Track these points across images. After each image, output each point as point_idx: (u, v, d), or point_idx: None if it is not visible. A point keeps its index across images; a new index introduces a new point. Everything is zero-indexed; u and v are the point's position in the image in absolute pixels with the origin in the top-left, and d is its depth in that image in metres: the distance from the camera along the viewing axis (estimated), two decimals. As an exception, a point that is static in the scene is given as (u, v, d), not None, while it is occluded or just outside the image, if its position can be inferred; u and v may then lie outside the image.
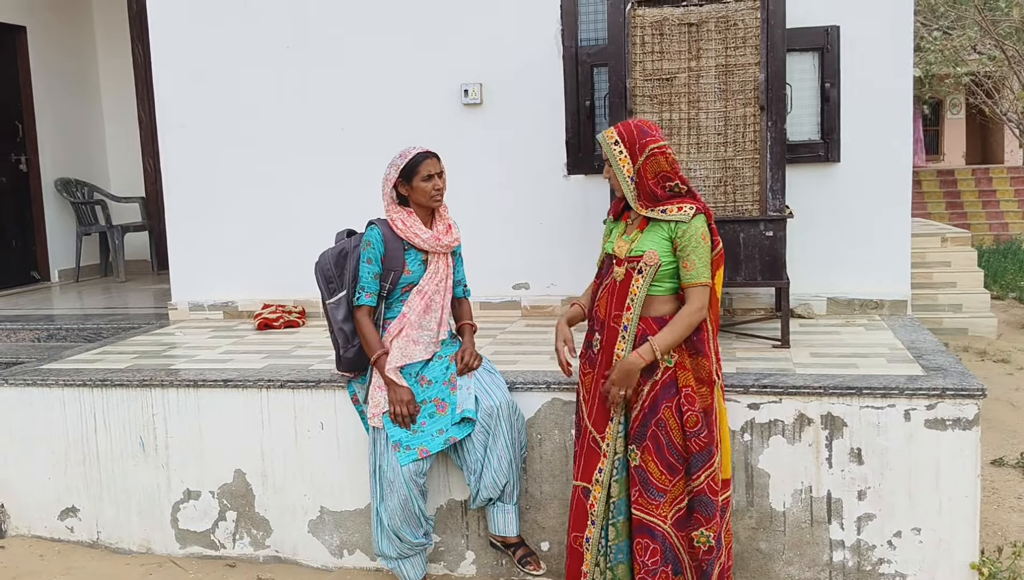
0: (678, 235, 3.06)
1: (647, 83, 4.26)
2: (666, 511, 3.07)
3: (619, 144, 3.13)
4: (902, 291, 4.92)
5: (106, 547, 4.30)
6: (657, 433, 3.07)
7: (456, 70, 5.35)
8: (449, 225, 3.68)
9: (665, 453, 3.06)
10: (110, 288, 7.62)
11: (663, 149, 3.10)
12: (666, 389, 3.07)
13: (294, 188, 5.61)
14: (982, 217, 18.17)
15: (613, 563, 3.20)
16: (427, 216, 3.64)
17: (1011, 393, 6.14)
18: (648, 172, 3.09)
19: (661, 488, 3.06)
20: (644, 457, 3.08)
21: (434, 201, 3.59)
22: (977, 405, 3.38)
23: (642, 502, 3.09)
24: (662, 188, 3.09)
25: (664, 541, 3.06)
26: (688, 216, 3.05)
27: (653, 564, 3.07)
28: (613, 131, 3.17)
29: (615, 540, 3.19)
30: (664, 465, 3.07)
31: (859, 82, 4.81)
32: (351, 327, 3.66)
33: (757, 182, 4.19)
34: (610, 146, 3.15)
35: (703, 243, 3.07)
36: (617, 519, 3.18)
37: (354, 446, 3.93)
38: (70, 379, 4.26)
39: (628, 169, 3.12)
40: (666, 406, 3.06)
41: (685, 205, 3.08)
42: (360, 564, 4.02)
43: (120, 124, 8.78)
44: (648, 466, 3.07)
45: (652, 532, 3.07)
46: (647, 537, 3.08)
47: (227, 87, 5.65)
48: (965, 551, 3.46)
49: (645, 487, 3.08)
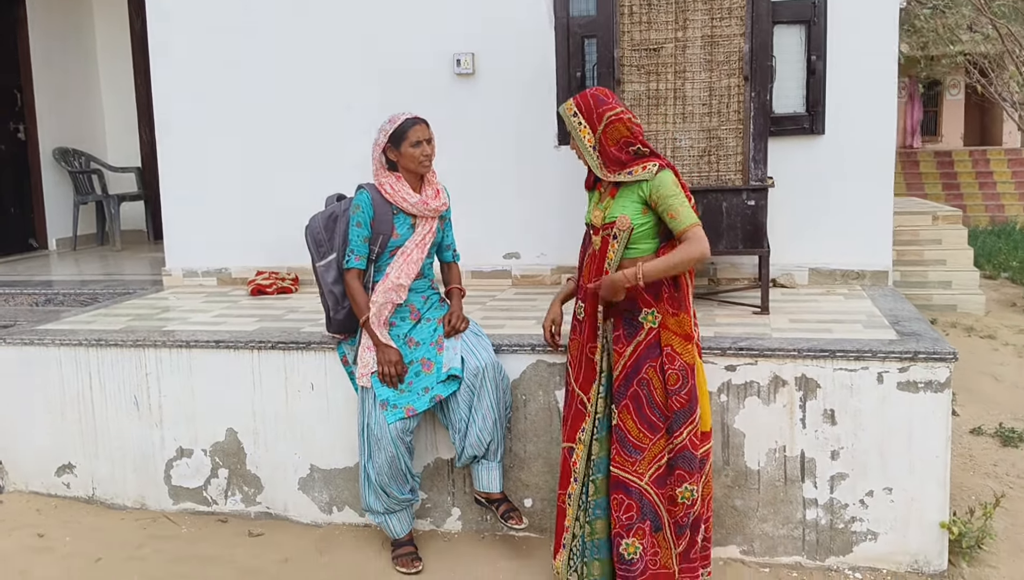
0: (651, 193, 3.10)
1: (634, 53, 4.32)
2: (643, 468, 3.14)
3: (577, 115, 3.19)
4: (883, 262, 4.99)
5: (101, 503, 4.41)
6: (639, 392, 3.13)
7: (449, 40, 5.40)
8: (437, 190, 3.75)
9: (646, 411, 3.13)
10: (106, 256, 7.71)
11: (619, 116, 3.14)
12: (650, 349, 3.13)
13: (288, 157, 5.67)
14: (979, 198, 18.22)
15: (592, 518, 3.28)
16: (416, 181, 3.71)
17: (995, 367, 6.23)
18: (608, 139, 3.14)
19: (638, 446, 3.13)
20: (622, 415, 3.15)
21: (422, 167, 3.66)
22: (949, 368, 3.47)
23: (619, 459, 3.17)
24: (625, 153, 3.14)
25: (641, 498, 3.14)
26: (652, 172, 3.09)
27: (628, 519, 3.16)
28: (571, 103, 3.22)
29: (594, 496, 3.27)
30: (644, 423, 3.13)
31: (845, 55, 4.86)
32: (341, 289, 3.75)
33: (740, 152, 4.26)
34: (569, 118, 3.21)
35: (679, 190, 3.10)
36: (596, 476, 3.26)
37: (343, 406, 4.03)
38: (66, 339, 4.35)
39: (589, 139, 3.18)
40: (650, 365, 3.12)
41: (648, 164, 3.12)
42: (349, 520, 4.12)
43: (117, 95, 8.84)
44: (626, 424, 3.14)
45: (627, 488, 3.15)
46: (622, 493, 3.16)
47: (223, 56, 5.71)
48: (935, 511, 3.56)
49: (623, 445, 3.16)
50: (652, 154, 3.17)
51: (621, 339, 3.17)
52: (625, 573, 3.17)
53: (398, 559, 3.75)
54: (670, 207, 3.08)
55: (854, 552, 3.61)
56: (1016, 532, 3.89)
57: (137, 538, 4.08)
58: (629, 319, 3.16)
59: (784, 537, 3.66)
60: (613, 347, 3.21)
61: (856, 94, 4.89)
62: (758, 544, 3.68)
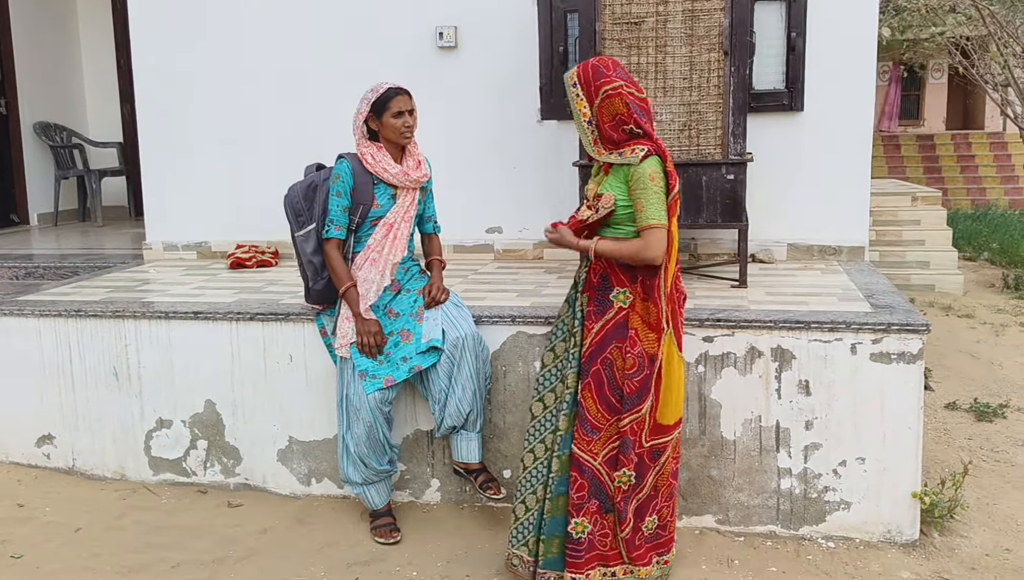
0: (629, 178, 3.03)
1: (616, 27, 4.32)
2: (598, 448, 3.11)
3: (576, 86, 3.05)
4: (860, 238, 5.04)
5: (81, 474, 4.41)
6: (601, 371, 3.10)
7: (431, 12, 5.38)
8: (419, 161, 3.75)
9: (606, 391, 3.11)
10: (88, 231, 7.67)
11: (618, 90, 2.99)
12: (617, 329, 3.10)
13: (269, 130, 5.65)
14: (960, 182, 18.33)
15: (553, 495, 3.20)
16: (397, 152, 3.71)
17: (972, 345, 6.31)
18: (604, 115, 3.02)
19: (595, 426, 3.12)
20: (584, 394, 3.13)
21: (403, 138, 3.66)
22: (922, 340, 3.51)
23: (579, 437, 3.13)
24: (619, 132, 3.02)
25: (593, 477, 3.11)
26: (637, 158, 2.99)
27: (579, 499, 3.12)
28: (574, 72, 3.07)
29: (558, 472, 3.18)
30: (603, 404, 3.11)
31: (824, 32, 4.89)
32: (320, 260, 3.74)
33: (720, 126, 4.28)
34: (569, 88, 3.08)
35: (651, 185, 2.98)
36: (562, 452, 3.18)
37: (322, 377, 4.04)
38: (46, 310, 4.34)
39: (585, 112, 3.05)
40: (616, 345, 3.09)
41: (637, 147, 3.01)
42: (328, 491, 4.14)
43: (98, 69, 8.78)
44: (587, 403, 3.12)
45: (582, 467, 3.12)
46: (576, 471, 3.13)
47: (202, 27, 5.67)
48: (908, 481, 3.60)
49: (582, 423, 3.13)
50: (645, 136, 3.05)
51: (592, 315, 3.15)
52: (572, 552, 3.14)
53: (376, 530, 3.77)
54: (638, 200, 3.02)
55: (827, 521, 3.66)
56: (987, 503, 3.95)
57: (117, 508, 4.09)
58: (601, 296, 3.14)
59: (759, 506, 3.70)
60: (584, 323, 3.18)
61: (835, 71, 4.92)
62: (733, 513, 3.72)
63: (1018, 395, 5.27)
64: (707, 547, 3.65)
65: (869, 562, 3.52)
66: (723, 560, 3.54)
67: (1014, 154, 18.72)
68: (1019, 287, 7.93)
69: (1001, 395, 5.25)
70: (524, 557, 3.27)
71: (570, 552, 3.15)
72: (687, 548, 3.61)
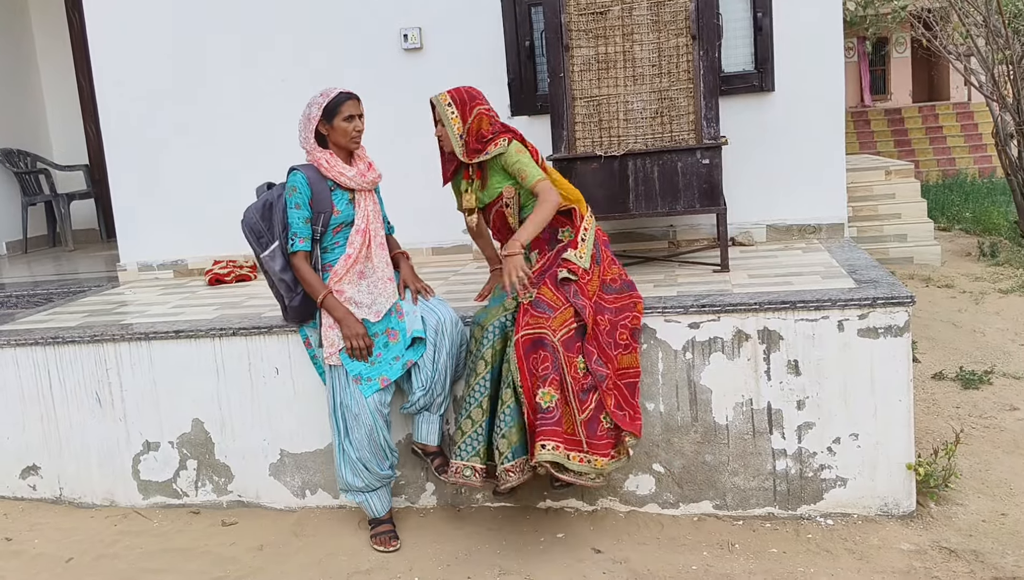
0: (504, 163, 3.66)
1: (581, 17, 4.30)
2: (556, 325, 3.35)
3: (452, 105, 3.71)
4: (839, 215, 5.05)
5: (69, 502, 4.34)
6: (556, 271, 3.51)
7: (394, 15, 5.34)
8: (370, 163, 3.74)
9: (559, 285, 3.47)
10: (59, 257, 7.56)
11: (487, 112, 3.72)
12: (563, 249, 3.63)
13: (238, 142, 5.59)
14: (930, 154, 18.51)
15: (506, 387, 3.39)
16: (346, 157, 3.69)
17: (954, 314, 6.35)
18: (473, 130, 3.69)
19: (551, 305, 3.40)
20: (541, 289, 3.45)
21: (353, 142, 3.64)
22: (907, 312, 3.52)
23: (532, 321, 3.35)
24: (480, 142, 3.69)
25: (554, 351, 3.31)
26: (505, 146, 3.66)
27: (544, 370, 3.30)
28: (446, 94, 3.73)
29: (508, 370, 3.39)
30: (558, 291, 3.45)
31: (790, 12, 4.89)
32: (291, 276, 3.68)
33: (692, 111, 4.27)
34: (444, 107, 3.71)
35: (522, 156, 3.64)
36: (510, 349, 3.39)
37: (310, 388, 3.99)
38: (22, 339, 4.27)
39: (459, 128, 3.70)
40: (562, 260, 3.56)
41: (499, 140, 3.67)
42: (323, 503, 4.10)
43: (59, 92, 8.66)
44: (542, 291, 3.45)
45: (543, 342, 3.32)
46: (540, 348, 3.32)
47: (164, 41, 5.60)
48: (901, 453, 3.61)
49: (536, 305, 3.39)
50: (502, 131, 3.69)
51: (544, 251, 3.70)
52: (542, 422, 3.26)
53: (376, 537, 3.74)
54: (518, 171, 3.64)
55: (824, 499, 3.66)
56: (980, 470, 3.97)
57: (108, 535, 4.03)
58: (552, 239, 3.71)
59: (755, 489, 3.70)
60: (536, 259, 3.71)
61: (803, 49, 4.93)
62: (730, 498, 3.72)
63: (1002, 361, 5.30)
64: (706, 532, 3.64)
65: (868, 536, 3.52)
66: (723, 545, 3.54)
67: (980, 123, 18.92)
68: (995, 254, 8.00)
69: (985, 362, 5.28)
70: (476, 466, 3.49)
71: (541, 422, 3.28)
72: (687, 535, 3.60)
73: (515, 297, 3.51)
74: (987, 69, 8.61)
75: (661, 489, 3.76)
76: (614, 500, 3.81)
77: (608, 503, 3.82)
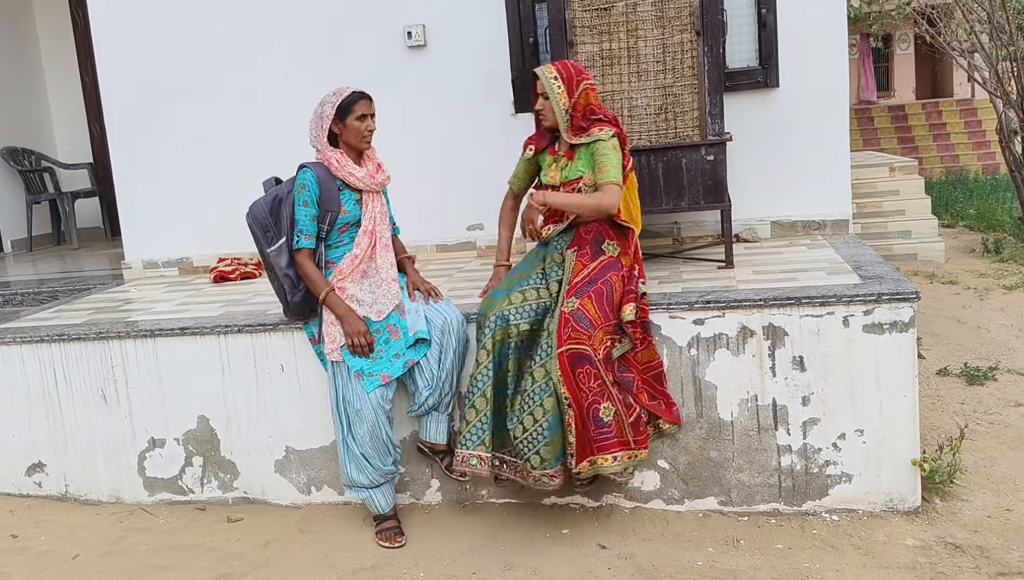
0: (594, 151, 3.57)
1: (585, 14, 4.30)
2: (596, 343, 3.39)
3: (558, 79, 3.60)
4: (843, 211, 5.04)
5: (75, 499, 4.35)
6: (602, 288, 3.50)
7: (399, 12, 5.34)
8: (379, 164, 3.76)
9: (604, 303, 3.48)
10: (64, 255, 7.58)
11: (593, 86, 3.63)
12: (613, 264, 3.60)
13: (243, 139, 5.60)
14: (933, 150, 18.48)
15: (535, 404, 3.41)
16: (356, 157, 3.70)
17: (958, 311, 6.33)
18: (580, 106, 3.60)
19: (594, 323, 3.41)
20: (583, 302, 3.44)
21: (364, 142, 3.65)
22: (912, 308, 3.51)
23: (575, 335, 3.36)
24: (587, 120, 3.60)
25: (599, 368, 3.37)
26: (607, 136, 3.57)
27: (599, 386, 3.35)
28: (551, 66, 3.61)
29: (533, 386, 3.44)
30: (600, 310, 3.46)
31: (794, 8, 4.88)
32: (296, 272, 3.70)
33: (697, 108, 4.27)
34: (549, 80, 3.60)
35: (614, 153, 3.55)
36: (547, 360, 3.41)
37: (316, 385, 4.00)
38: (27, 336, 4.28)
39: (565, 102, 3.60)
40: (614, 273, 3.57)
41: (605, 127, 3.59)
42: (329, 499, 4.11)
43: (63, 90, 8.68)
44: (585, 306, 3.44)
45: (589, 359, 3.35)
46: (587, 364, 3.35)
47: (168, 40, 5.61)
48: (907, 449, 3.61)
49: (579, 321, 3.38)
50: (611, 123, 3.60)
51: (585, 253, 3.63)
52: (604, 435, 3.34)
53: (381, 534, 3.74)
54: (602, 163, 3.56)
55: (830, 495, 3.66)
56: (985, 466, 3.96)
57: (114, 532, 4.04)
58: (596, 248, 3.63)
59: (760, 485, 3.70)
60: (576, 259, 3.62)
61: (807, 45, 4.92)
62: (735, 494, 3.72)
63: (1006, 357, 5.29)
64: (711, 529, 3.64)
65: (874, 532, 3.52)
66: (728, 541, 3.54)
67: (984, 119, 18.89)
68: (999, 251, 7.98)
69: (990, 358, 5.27)
70: (482, 455, 3.54)
71: (602, 436, 3.36)
72: (692, 531, 3.60)
73: (523, 291, 3.59)
74: (991, 65, 8.59)
75: (666, 485, 3.76)
76: (619, 496, 3.81)
77: (613, 499, 3.82)
